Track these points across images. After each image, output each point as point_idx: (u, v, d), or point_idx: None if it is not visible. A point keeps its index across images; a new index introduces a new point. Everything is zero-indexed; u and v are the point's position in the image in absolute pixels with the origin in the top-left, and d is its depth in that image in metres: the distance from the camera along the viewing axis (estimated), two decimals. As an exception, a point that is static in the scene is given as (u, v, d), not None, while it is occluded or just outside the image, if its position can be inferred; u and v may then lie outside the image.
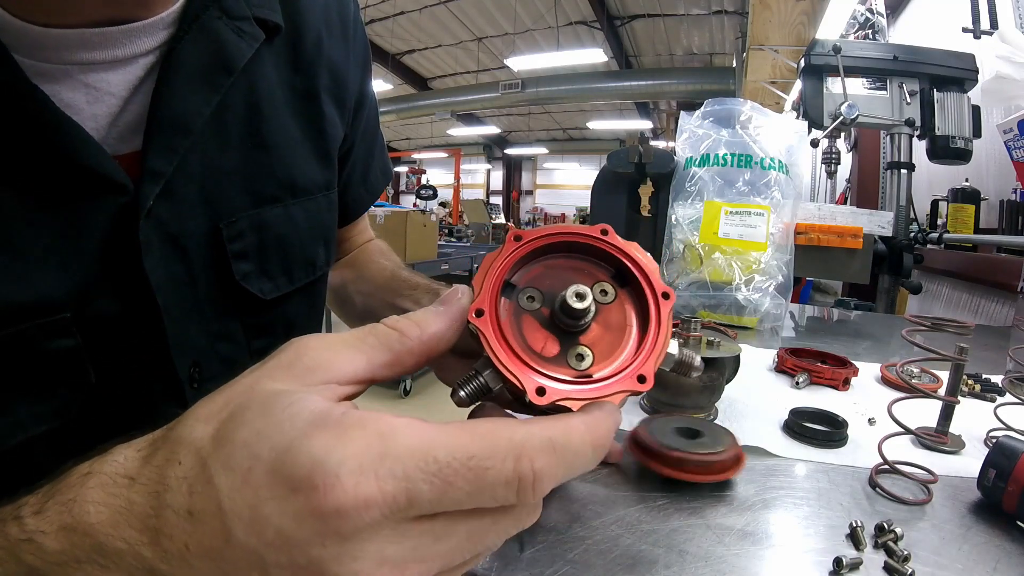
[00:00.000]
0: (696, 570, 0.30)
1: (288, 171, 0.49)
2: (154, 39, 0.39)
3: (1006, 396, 0.59)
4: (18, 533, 0.21)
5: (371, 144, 0.65)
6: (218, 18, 0.41)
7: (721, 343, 0.53)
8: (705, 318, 0.88)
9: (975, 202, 1.68)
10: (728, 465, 0.39)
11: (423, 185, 9.43)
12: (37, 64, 0.34)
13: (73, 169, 0.35)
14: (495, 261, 0.27)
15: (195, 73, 0.40)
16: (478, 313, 0.26)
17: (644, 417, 0.44)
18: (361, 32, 0.59)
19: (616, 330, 0.28)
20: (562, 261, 0.29)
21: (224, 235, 0.44)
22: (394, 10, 8.06)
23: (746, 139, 0.97)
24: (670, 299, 0.27)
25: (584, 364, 0.26)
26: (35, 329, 0.34)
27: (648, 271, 0.28)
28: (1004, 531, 0.35)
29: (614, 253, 0.28)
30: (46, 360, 0.35)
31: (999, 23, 1.38)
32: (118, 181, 0.36)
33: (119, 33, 0.37)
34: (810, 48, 1.33)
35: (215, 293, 0.45)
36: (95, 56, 0.37)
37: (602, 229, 0.29)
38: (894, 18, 2.74)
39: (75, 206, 0.36)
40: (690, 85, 8.13)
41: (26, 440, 0.35)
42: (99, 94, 0.37)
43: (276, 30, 0.46)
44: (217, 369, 0.46)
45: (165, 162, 0.38)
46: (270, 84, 0.47)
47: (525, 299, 0.28)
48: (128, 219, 0.37)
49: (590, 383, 0.25)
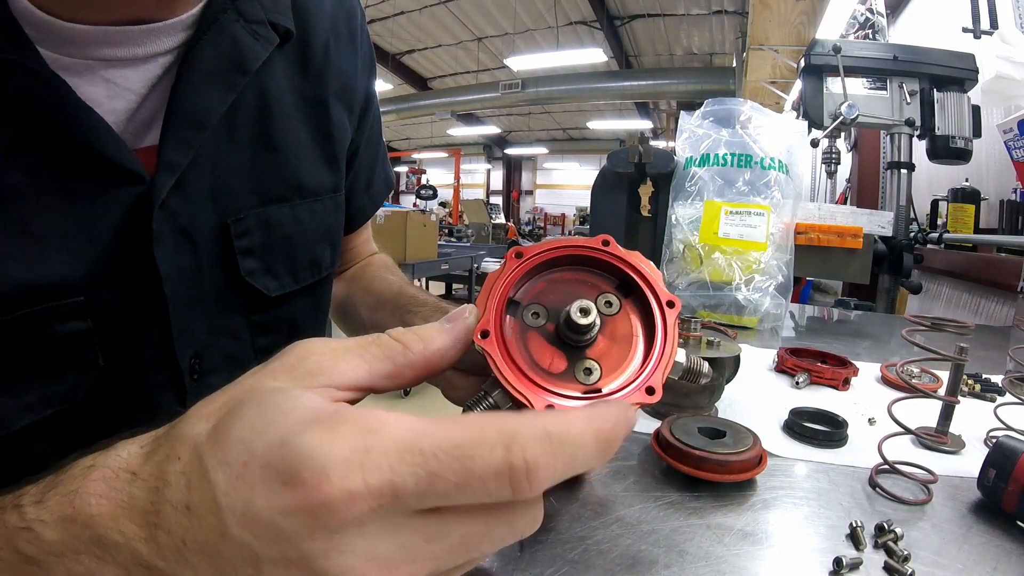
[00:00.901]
0: (696, 570, 0.30)
1: (296, 173, 0.50)
2: (173, 39, 0.40)
3: (1006, 396, 0.59)
4: (17, 521, 0.21)
5: (375, 153, 0.66)
6: (235, 21, 0.43)
7: (721, 343, 0.52)
8: (705, 318, 0.88)
9: (975, 202, 1.68)
10: (750, 465, 0.39)
11: (423, 185, 9.45)
12: (60, 58, 0.36)
13: (92, 158, 0.36)
14: (497, 280, 0.27)
15: (212, 72, 0.41)
16: (483, 335, 0.26)
17: (670, 416, 0.44)
18: (367, 40, 0.60)
19: (623, 341, 0.27)
20: (565, 274, 0.29)
21: (232, 231, 0.45)
22: (394, 10, 8.06)
23: (746, 139, 0.97)
24: (675, 307, 0.27)
25: (592, 378, 0.26)
26: (49, 311, 0.35)
27: (652, 280, 0.28)
28: (1004, 531, 0.35)
29: (617, 264, 0.28)
30: (57, 342, 0.36)
31: (999, 23, 1.38)
32: (135, 172, 0.38)
33: (140, 32, 0.39)
34: (810, 48, 1.33)
35: (221, 288, 0.46)
36: (116, 53, 0.38)
37: (603, 240, 0.28)
38: (894, 18, 2.74)
39: (92, 195, 0.37)
40: (690, 85, 8.13)
41: (32, 423, 0.36)
42: (118, 90, 0.39)
43: (288, 36, 0.47)
44: (219, 364, 0.47)
45: (180, 155, 0.40)
46: (280, 88, 0.48)
47: (530, 316, 0.28)
48: (142, 210, 0.39)
49: (599, 397, 0.26)
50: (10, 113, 0.34)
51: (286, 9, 0.48)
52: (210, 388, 0.49)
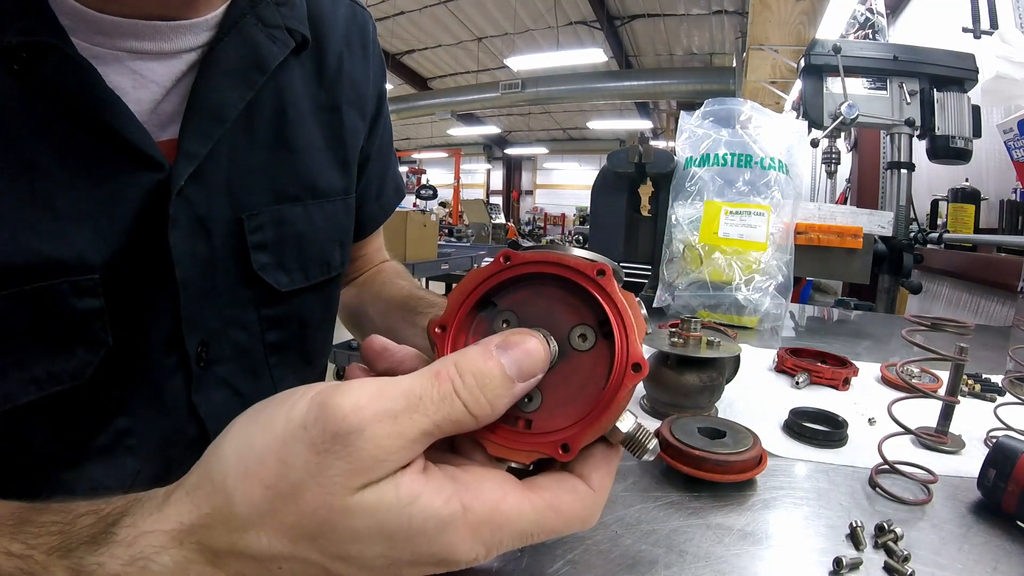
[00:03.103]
0: (696, 570, 0.30)
1: (309, 174, 0.52)
2: (198, 38, 0.43)
3: (1006, 396, 0.59)
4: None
5: (386, 163, 0.68)
6: (254, 25, 0.46)
7: (721, 343, 0.52)
8: (705, 318, 0.87)
9: (975, 202, 1.68)
10: (750, 465, 0.39)
11: (423, 185, 9.44)
12: (90, 47, 0.38)
13: (116, 142, 0.38)
14: (475, 278, 0.27)
15: (232, 70, 0.44)
16: (441, 328, 0.26)
17: (670, 416, 0.44)
18: (378, 52, 0.63)
19: (579, 383, 0.25)
20: (553, 291, 0.26)
21: (246, 226, 0.47)
22: (394, 10, 8.06)
23: (746, 139, 0.97)
24: (640, 372, 0.24)
25: (530, 407, 0.25)
26: (67, 285, 0.37)
27: (629, 333, 0.24)
28: (1004, 531, 0.35)
29: (601, 301, 0.25)
30: (71, 318, 0.38)
31: (999, 23, 1.38)
32: (156, 159, 0.40)
33: (168, 28, 0.41)
34: (810, 48, 1.33)
35: (233, 279, 0.47)
36: (144, 46, 0.40)
37: (599, 269, 0.25)
38: (894, 18, 2.74)
39: (114, 177, 0.39)
40: (690, 85, 8.12)
41: (36, 401, 0.37)
42: (144, 81, 0.41)
43: (305, 43, 0.50)
44: (228, 354, 0.48)
45: (200, 145, 0.42)
46: (297, 94, 0.51)
47: (500, 322, 0.26)
48: (160, 195, 0.40)
49: (520, 430, 0.25)
50: (43, 93, 0.36)
51: (303, 18, 0.50)
52: (216, 377, 0.50)
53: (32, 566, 0.21)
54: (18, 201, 0.35)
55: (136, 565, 0.20)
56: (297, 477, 0.20)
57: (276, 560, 0.21)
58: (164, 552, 0.21)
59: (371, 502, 0.20)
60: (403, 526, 0.21)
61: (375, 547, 0.21)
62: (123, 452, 0.42)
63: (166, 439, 0.44)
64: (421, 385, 0.22)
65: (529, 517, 0.23)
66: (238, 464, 0.21)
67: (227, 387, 0.48)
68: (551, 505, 0.23)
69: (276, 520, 0.20)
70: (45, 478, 0.40)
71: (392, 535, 0.21)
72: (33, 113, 0.36)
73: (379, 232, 0.74)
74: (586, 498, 0.24)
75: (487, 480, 0.23)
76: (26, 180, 0.36)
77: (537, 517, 0.23)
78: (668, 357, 0.52)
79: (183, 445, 0.45)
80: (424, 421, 0.21)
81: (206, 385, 0.46)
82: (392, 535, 0.21)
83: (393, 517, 0.21)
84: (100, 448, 0.41)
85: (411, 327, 0.58)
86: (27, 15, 0.35)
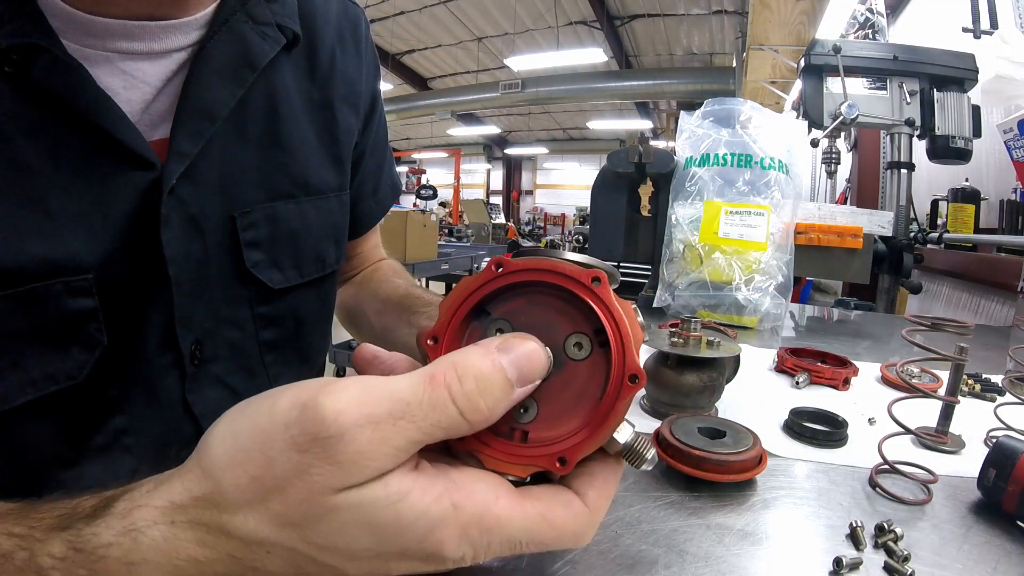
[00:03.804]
0: (696, 570, 0.30)
1: (302, 171, 0.52)
2: (187, 37, 0.43)
3: (1006, 396, 0.58)
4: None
5: (381, 159, 0.67)
6: (244, 22, 0.45)
7: (721, 343, 0.52)
8: (705, 318, 0.87)
9: (975, 202, 1.68)
10: (750, 465, 0.39)
11: (423, 185, 9.45)
12: (81, 48, 0.38)
13: (108, 143, 0.38)
14: (467, 287, 0.26)
15: (223, 68, 0.44)
16: (434, 339, 0.25)
17: (670, 416, 0.44)
18: (371, 48, 0.62)
19: (575, 392, 0.25)
20: (548, 299, 0.26)
21: (238, 224, 0.47)
22: (394, 10, 8.06)
23: (746, 139, 0.97)
24: (638, 383, 0.23)
25: (525, 418, 0.25)
26: (61, 286, 0.37)
27: (626, 343, 0.24)
28: (1004, 531, 0.35)
29: (597, 310, 0.24)
30: (66, 318, 0.38)
31: (999, 23, 1.38)
32: (148, 158, 0.40)
33: (157, 28, 0.41)
34: (810, 48, 1.33)
35: (227, 277, 0.47)
36: (134, 46, 0.40)
37: (593, 276, 0.24)
38: (894, 18, 2.74)
39: (106, 178, 0.39)
40: (690, 85, 8.12)
41: (31, 402, 0.37)
42: (135, 81, 0.41)
43: (296, 40, 0.50)
44: (222, 353, 0.48)
45: (191, 144, 0.42)
46: (288, 91, 0.50)
47: (494, 331, 0.26)
48: (153, 195, 0.40)
49: (516, 442, 0.24)
50: (35, 95, 0.36)
51: (293, 14, 0.50)
52: (211, 376, 0.50)
53: (31, 543, 0.22)
54: (11, 202, 0.35)
55: (128, 536, 0.21)
56: (281, 471, 0.21)
57: (263, 544, 0.21)
58: (155, 527, 0.21)
59: (356, 500, 0.21)
60: (391, 522, 0.21)
61: (362, 541, 0.21)
62: (120, 451, 0.42)
63: (163, 437, 0.45)
64: (411, 390, 0.21)
65: (520, 524, 0.23)
66: (225, 454, 0.22)
67: (222, 385, 0.48)
68: (543, 516, 0.23)
69: (263, 506, 0.21)
70: (43, 478, 0.40)
71: (380, 530, 0.21)
72: (25, 115, 0.36)
73: (376, 230, 0.73)
74: (580, 515, 0.24)
75: (481, 482, 0.23)
76: (18, 181, 0.36)
77: (528, 525, 0.23)
78: (668, 357, 0.52)
79: (180, 443, 0.45)
80: (411, 428, 0.21)
81: (201, 384, 0.46)
82: (380, 530, 0.21)
83: (381, 513, 0.21)
84: (98, 447, 0.41)
85: (407, 326, 0.57)
86: (17, 17, 0.35)
